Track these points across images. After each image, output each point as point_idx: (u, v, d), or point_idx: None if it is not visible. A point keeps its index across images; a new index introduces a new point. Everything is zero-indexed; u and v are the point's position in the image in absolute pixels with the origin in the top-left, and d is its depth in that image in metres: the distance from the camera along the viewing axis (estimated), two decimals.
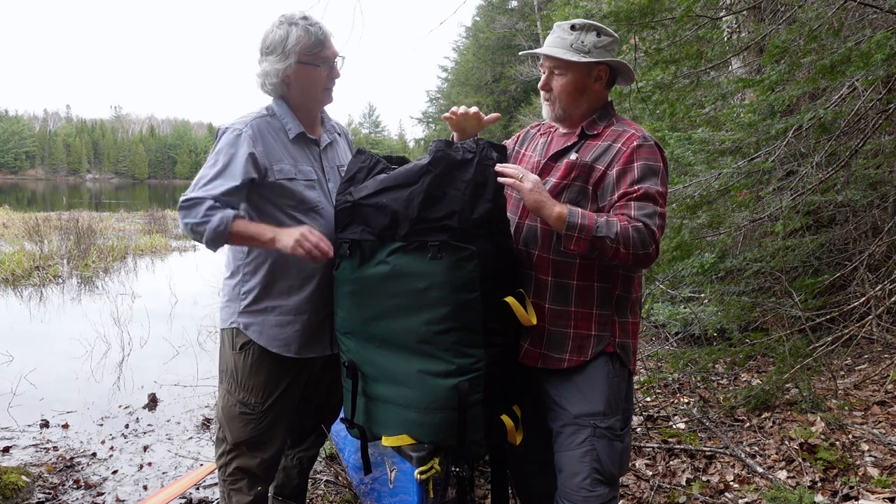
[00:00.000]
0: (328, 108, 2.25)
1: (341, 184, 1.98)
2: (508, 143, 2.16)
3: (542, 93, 1.97)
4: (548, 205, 1.76)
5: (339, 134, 2.30)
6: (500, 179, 1.79)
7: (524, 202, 1.81)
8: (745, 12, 5.08)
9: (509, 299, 1.80)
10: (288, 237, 1.88)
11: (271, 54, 2.02)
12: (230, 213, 1.90)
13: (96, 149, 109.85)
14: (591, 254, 1.75)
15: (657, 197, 1.77)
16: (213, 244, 1.92)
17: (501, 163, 1.83)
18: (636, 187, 1.76)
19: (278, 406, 2.11)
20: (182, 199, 1.94)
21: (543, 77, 1.95)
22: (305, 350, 2.09)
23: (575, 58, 1.86)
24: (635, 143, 1.81)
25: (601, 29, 1.89)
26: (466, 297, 1.75)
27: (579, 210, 1.75)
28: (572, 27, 1.89)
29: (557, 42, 1.90)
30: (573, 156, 1.86)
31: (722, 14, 4.65)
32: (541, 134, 2.08)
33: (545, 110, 1.98)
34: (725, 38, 5.17)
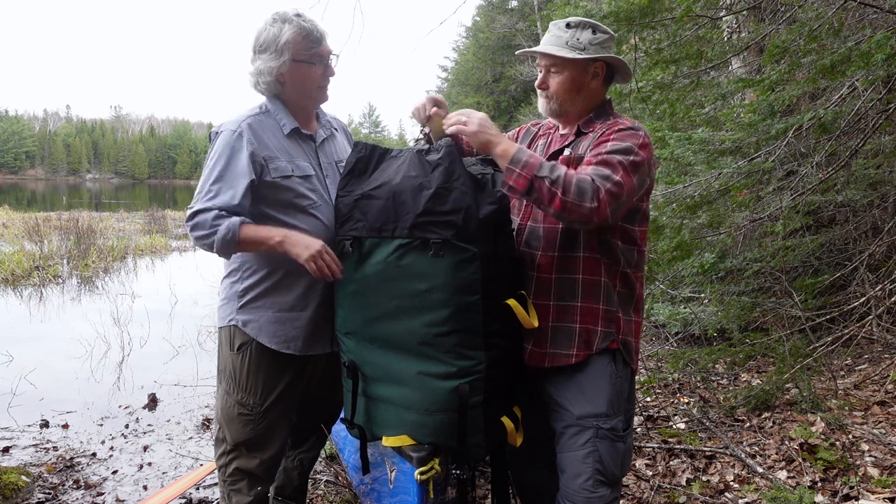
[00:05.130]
0: (327, 108, 2.22)
1: (342, 178, 1.95)
2: (509, 135, 2.14)
3: (538, 91, 1.96)
4: (494, 141, 1.77)
5: (335, 129, 2.27)
6: (447, 129, 1.81)
7: (472, 143, 1.81)
8: (745, 12, 5.08)
9: (511, 302, 1.79)
10: (303, 247, 1.88)
11: (265, 52, 2.00)
12: (236, 220, 1.89)
13: (96, 149, 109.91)
14: (530, 196, 1.72)
15: (618, 166, 1.72)
16: (224, 252, 1.94)
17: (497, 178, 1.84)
18: (600, 157, 1.75)
19: (278, 406, 2.10)
20: (188, 212, 1.93)
21: (540, 76, 1.94)
22: (307, 347, 2.08)
23: (571, 55, 1.85)
24: (618, 127, 1.82)
25: (597, 26, 1.88)
26: (468, 300, 1.74)
27: (528, 150, 1.77)
28: (567, 25, 1.88)
29: (553, 40, 1.89)
30: (567, 151, 1.88)
31: (722, 14, 4.65)
32: (541, 135, 2.09)
33: (541, 105, 1.97)
34: (725, 38, 5.17)
